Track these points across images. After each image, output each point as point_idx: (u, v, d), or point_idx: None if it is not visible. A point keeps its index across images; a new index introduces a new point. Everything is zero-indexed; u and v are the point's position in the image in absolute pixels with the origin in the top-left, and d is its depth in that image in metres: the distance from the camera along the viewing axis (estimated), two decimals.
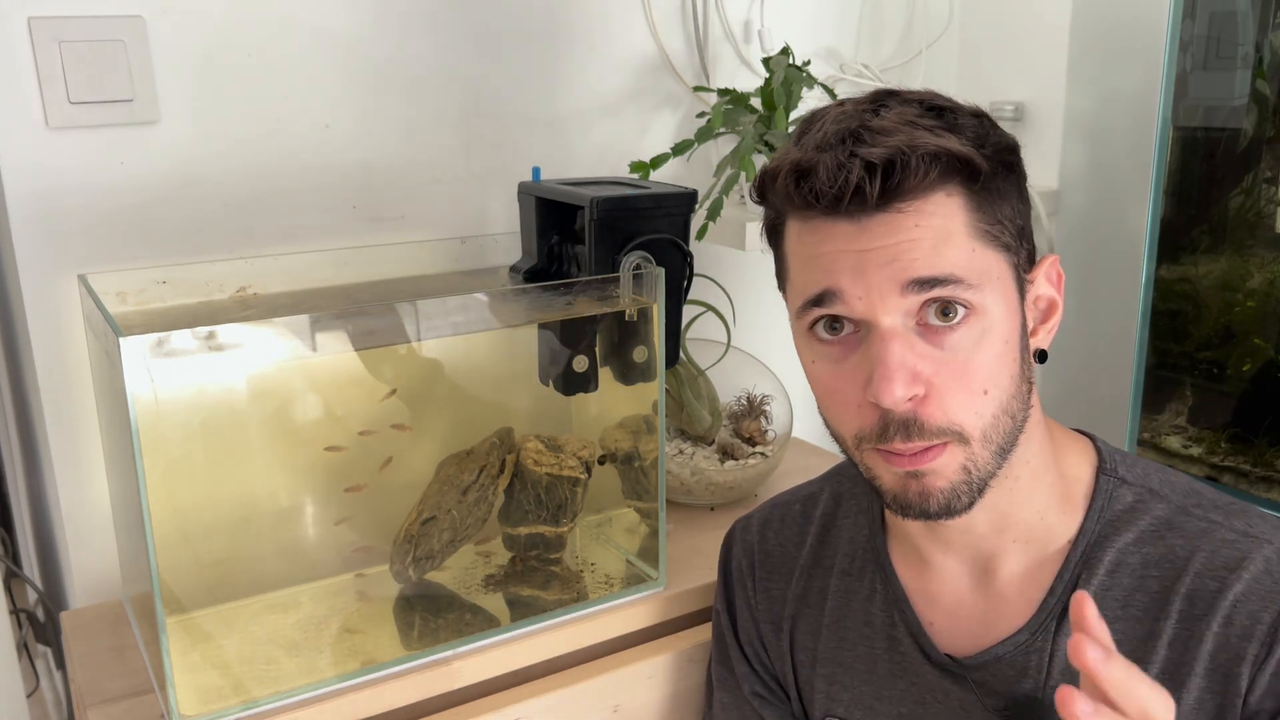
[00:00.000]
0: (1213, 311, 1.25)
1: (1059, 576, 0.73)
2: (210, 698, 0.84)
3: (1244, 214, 1.22)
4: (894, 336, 0.66)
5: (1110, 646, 0.56)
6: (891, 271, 0.65)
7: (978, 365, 0.67)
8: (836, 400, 0.70)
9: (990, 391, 0.67)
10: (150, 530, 0.78)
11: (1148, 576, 0.71)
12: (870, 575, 0.82)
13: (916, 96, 0.70)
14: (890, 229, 0.65)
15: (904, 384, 0.65)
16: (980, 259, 0.67)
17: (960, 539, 0.76)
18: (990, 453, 0.69)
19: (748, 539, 0.91)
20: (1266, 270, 1.21)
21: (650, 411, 1.01)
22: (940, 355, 0.66)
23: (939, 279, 0.65)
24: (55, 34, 0.96)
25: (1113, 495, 0.74)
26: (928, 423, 0.66)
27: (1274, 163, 1.19)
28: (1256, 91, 1.19)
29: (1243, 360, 1.24)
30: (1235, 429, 1.24)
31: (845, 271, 0.66)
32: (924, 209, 0.65)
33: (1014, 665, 0.73)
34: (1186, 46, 1.20)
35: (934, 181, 0.65)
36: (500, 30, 1.19)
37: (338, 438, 0.95)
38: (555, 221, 1.04)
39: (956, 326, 0.66)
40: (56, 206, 1.00)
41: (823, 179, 0.65)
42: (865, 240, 0.66)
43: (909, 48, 1.50)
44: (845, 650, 0.82)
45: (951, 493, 0.69)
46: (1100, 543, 0.73)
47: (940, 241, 0.65)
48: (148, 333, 0.76)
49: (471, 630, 0.94)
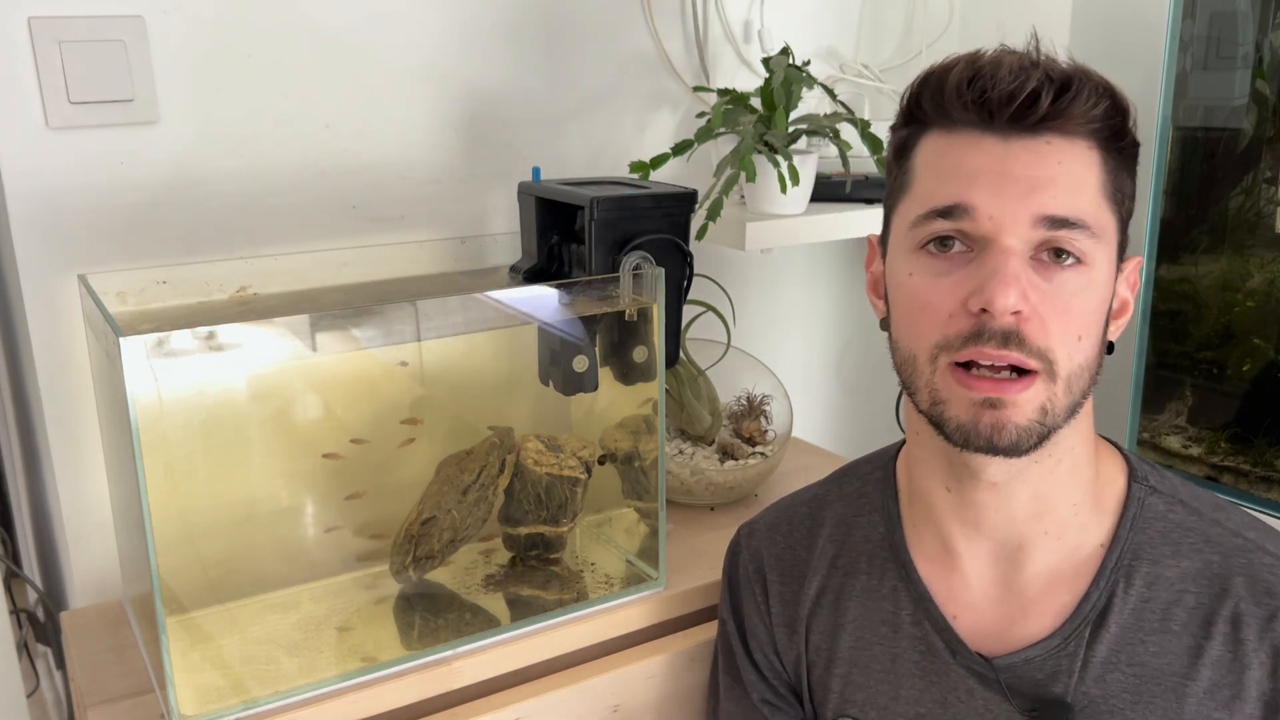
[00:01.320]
0: (1213, 311, 1.25)
1: (1095, 583, 0.73)
2: (210, 698, 0.84)
3: (1244, 214, 1.22)
4: (1013, 253, 0.67)
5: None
6: (1029, 201, 0.66)
7: (1079, 309, 0.68)
8: (927, 311, 0.70)
9: (1084, 339, 0.68)
10: (150, 530, 0.78)
11: (1185, 591, 0.71)
12: (891, 574, 0.81)
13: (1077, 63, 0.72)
14: (1036, 158, 0.67)
15: (1018, 294, 0.66)
16: (1104, 216, 0.69)
17: (995, 516, 0.75)
18: (1068, 402, 0.69)
19: (754, 544, 0.90)
20: (1266, 270, 1.21)
21: (650, 411, 1.01)
22: (1048, 288, 0.67)
23: (1071, 220, 0.66)
24: (55, 34, 0.96)
25: (1145, 503, 0.74)
26: (1028, 339, 0.66)
27: (1274, 163, 1.19)
28: (1256, 91, 1.19)
29: (1243, 360, 1.24)
30: (1235, 429, 1.24)
31: (984, 189, 0.67)
32: (1069, 151, 0.67)
33: (1044, 668, 0.73)
34: (1186, 46, 1.20)
35: (1092, 122, 0.67)
36: (500, 30, 1.19)
37: (338, 438, 0.95)
38: (555, 221, 1.04)
39: (1067, 268, 0.67)
40: (56, 206, 1.00)
41: (1003, 77, 0.66)
42: (1009, 162, 0.67)
43: (909, 48, 1.50)
44: (863, 650, 0.82)
45: (1025, 430, 0.68)
46: (1136, 552, 0.73)
47: (1078, 185, 0.67)
48: (148, 333, 0.76)
49: (471, 630, 0.94)
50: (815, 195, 1.27)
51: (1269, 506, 1.17)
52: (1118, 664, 0.71)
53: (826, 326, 1.58)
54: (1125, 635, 0.72)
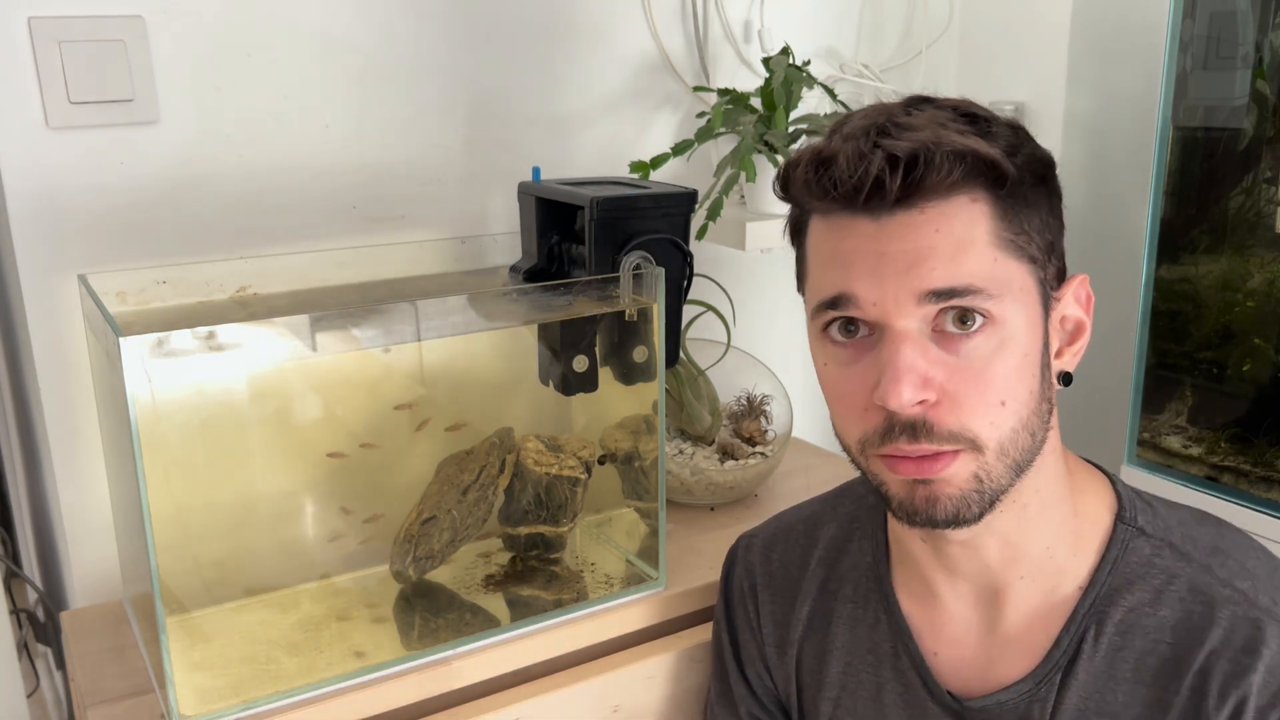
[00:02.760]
0: (1213, 311, 1.25)
1: (1066, 627, 0.71)
2: (210, 698, 0.84)
3: (1244, 214, 1.22)
4: (906, 339, 0.64)
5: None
6: (908, 279, 0.63)
7: (994, 374, 0.65)
8: (844, 404, 0.69)
9: (1008, 403, 0.65)
10: (150, 530, 0.78)
11: (1160, 641, 0.69)
12: (875, 604, 0.81)
13: (951, 103, 0.68)
14: (910, 230, 0.64)
15: (912, 387, 0.63)
16: (1002, 269, 0.65)
17: (967, 565, 0.74)
18: (1005, 466, 0.67)
19: (750, 560, 0.90)
20: (1266, 270, 1.21)
21: (650, 411, 1.01)
22: (955, 362, 0.64)
23: (957, 289, 0.63)
24: (55, 34, 0.96)
25: (1129, 546, 0.72)
26: (938, 426, 0.65)
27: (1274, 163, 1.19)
28: (1256, 91, 1.19)
29: (1243, 360, 1.24)
30: (1235, 429, 1.24)
31: (862, 275, 0.65)
32: (946, 212, 0.64)
33: (1016, 711, 0.72)
34: (1186, 46, 1.20)
35: (957, 183, 0.63)
36: (500, 30, 1.19)
37: (338, 438, 0.95)
38: (555, 221, 1.04)
39: (974, 334, 0.64)
40: (56, 206, 1.00)
41: (842, 167, 0.64)
42: (884, 241, 0.64)
43: (909, 48, 1.50)
44: (851, 677, 0.81)
45: (961, 500, 0.67)
46: (1111, 596, 0.71)
47: (960, 249, 0.63)
48: (148, 333, 0.76)
49: (471, 630, 0.94)
50: None
51: (1269, 506, 1.17)
52: (1087, 711, 0.70)
53: None
54: (1096, 683, 0.70)
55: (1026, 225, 0.66)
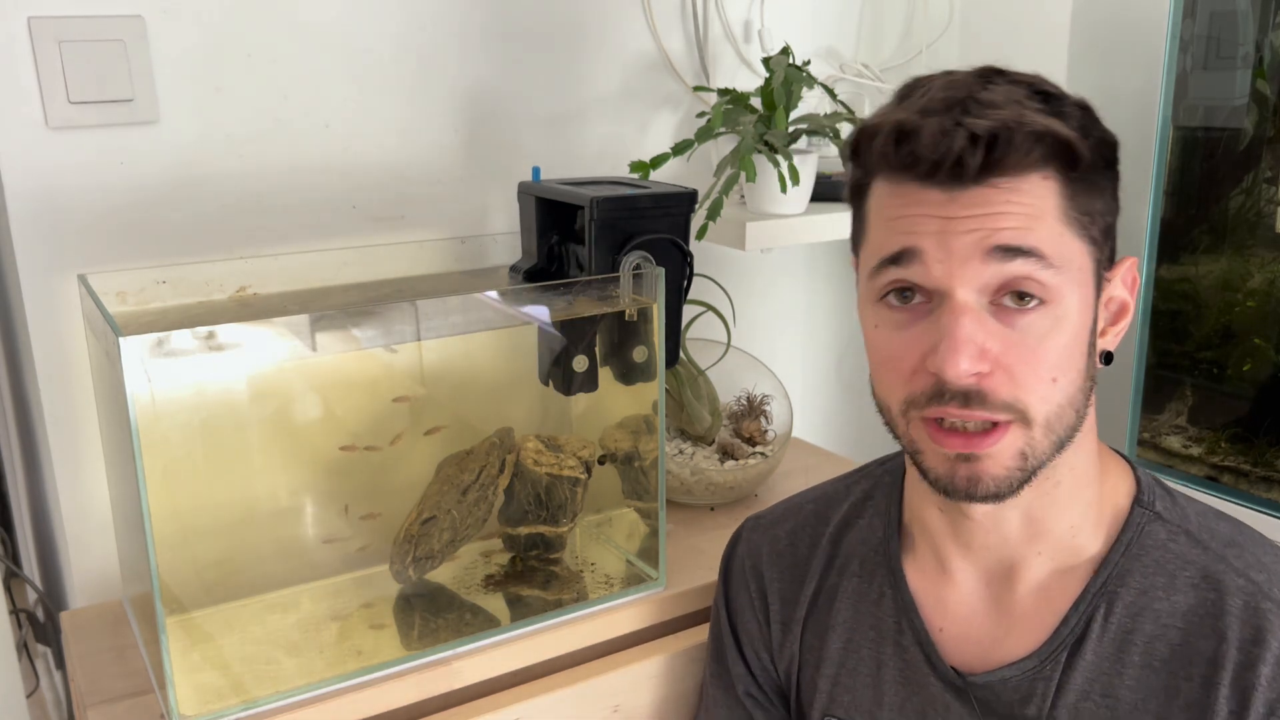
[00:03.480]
0: (1213, 311, 1.25)
1: (1075, 606, 0.72)
2: (210, 698, 0.84)
3: (1244, 214, 1.23)
4: (966, 310, 0.64)
5: None
6: (977, 238, 0.64)
7: (1048, 350, 0.65)
8: (892, 366, 0.69)
9: (1059, 380, 0.66)
10: (150, 530, 0.78)
11: (1171, 627, 0.69)
12: (880, 579, 0.81)
13: (1024, 78, 0.69)
14: (982, 202, 0.64)
15: (970, 358, 0.64)
16: (1066, 245, 0.66)
17: (985, 539, 0.74)
18: (1050, 442, 0.67)
19: (755, 539, 0.90)
20: (1266, 270, 1.21)
21: (650, 411, 1.01)
22: (1012, 335, 0.65)
23: (1024, 249, 0.64)
24: (55, 34, 0.96)
25: (1144, 530, 0.72)
26: (991, 396, 0.65)
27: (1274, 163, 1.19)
28: (1256, 91, 1.19)
29: (1243, 360, 1.24)
30: (1235, 429, 1.24)
31: (930, 234, 0.65)
32: (1019, 188, 0.64)
33: (1019, 689, 0.72)
34: (1186, 46, 1.20)
35: (1034, 162, 0.64)
36: (500, 30, 1.19)
37: (338, 438, 0.95)
38: (555, 221, 1.04)
39: (1030, 310, 0.65)
40: (56, 206, 1.00)
41: (925, 143, 0.64)
42: (954, 209, 0.65)
43: (909, 48, 1.50)
44: (852, 653, 0.81)
45: (1005, 479, 0.67)
46: (1123, 577, 0.71)
47: (1030, 218, 0.64)
48: (148, 333, 0.76)
49: (471, 630, 0.94)
50: (815, 195, 1.27)
51: (1269, 506, 1.17)
52: (1092, 693, 0.70)
53: (826, 326, 1.58)
54: (1102, 665, 0.70)
55: (1092, 206, 0.67)
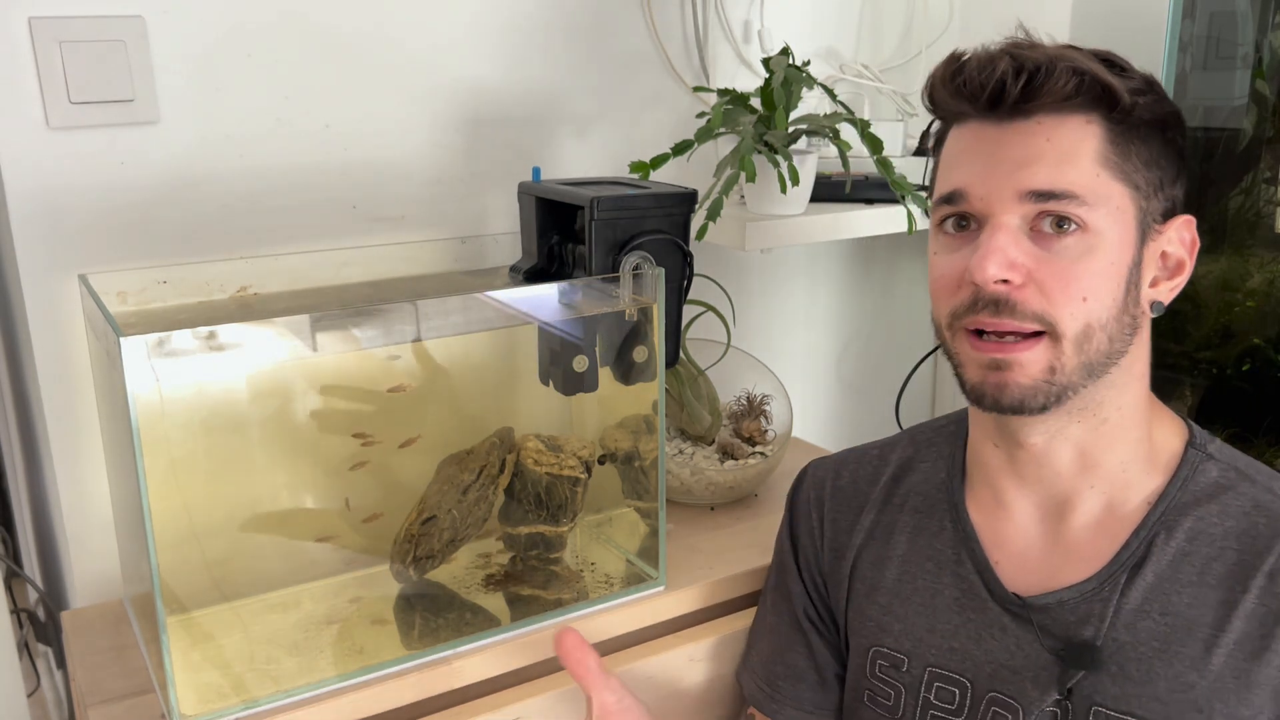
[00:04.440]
0: (1212, 311, 1.25)
1: (1135, 533, 0.76)
2: (211, 697, 0.84)
3: (1244, 214, 1.23)
4: (1002, 227, 0.71)
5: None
6: (1012, 180, 0.70)
7: (1080, 272, 0.70)
8: (941, 282, 0.75)
9: (1089, 300, 0.71)
10: (151, 530, 0.78)
11: (1227, 548, 0.73)
12: (941, 513, 0.85)
13: (1092, 50, 0.73)
14: (1023, 138, 0.71)
15: (997, 264, 0.70)
16: (1103, 185, 0.70)
17: (1038, 474, 0.79)
18: (1079, 362, 0.71)
19: (820, 475, 0.95)
20: (1266, 270, 1.21)
21: (650, 411, 1.01)
22: (1046, 256, 0.70)
23: (1055, 193, 0.70)
24: (55, 34, 0.96)
25: (1198, 467, 0.77)
26: (1021, 305, 0.70)
27: (1274, 163, 1.19)
28: (1256, 91, 1.19)
29: (1243, 360, 1.24)
30: (1235, 429, 1.24)
31: (974, 174, 0.72)
32: (1059, 127, 0.70)
33: (1077, 611, 0.76)
34: (1186, 46, 1.20)
35: (1074, 102, 0.70)
36: (500, 30, 1.19)
37: (337, 438, 0.95)
38: (555, 221, 1.04)
39: (1066, 235, 0.70)
40: (56, 206, 1.00)
41: (971, 68, 0.72)
42: (999, 145, 0.71)
43: (909, 48, 1.50)
44: (906, 583, 0.85)
45: (1031, 390, 0.72)
46: (1181, 509, 0.76)
47: (1065, 158, 0.70)
48: (148, 333, 0.76)
49: (471, 630, 0.94)
50: (815, 195, 1.27)
51: None
52: (1150, 612, 0.74)
53: (826, 326, 1.58)
54: (1160, 584, 0.74)
55: (1135, 154, 0.72)
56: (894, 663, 0.84)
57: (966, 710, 0.81)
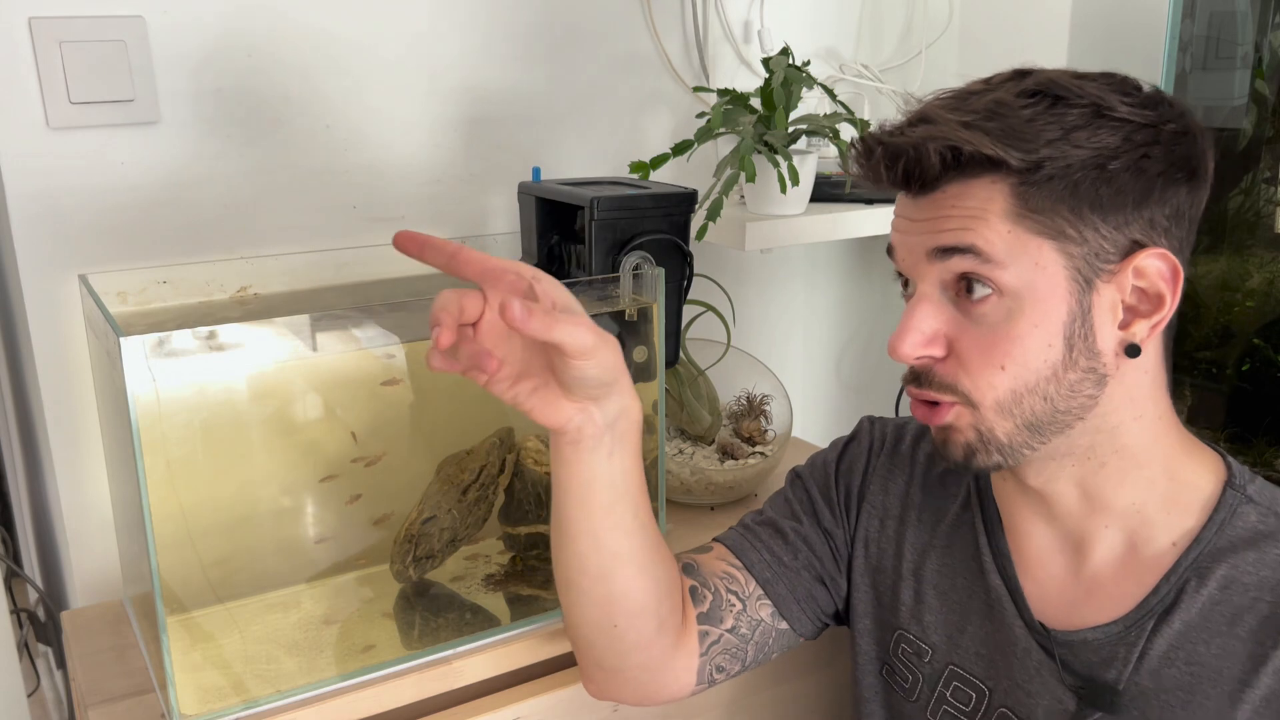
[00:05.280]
0: (1212, 311, 1.25)
1: (1166, 578, 0.74)
2: (211, 697, 0.84)
3: (1244, 214, 1.23)
4: (922, 299, 0.72)
5: None
6: (922, 240, 0.72)
7: (999, 339, 0.70)
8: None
9: (1008, 368, 0.70)
10: (151, 530, 0.78)
11: (1260, 600, 0.71)
12: (984, 519, 0.84)
13: (1047, 75, 0.71)
14: (932, 206, 0.71)
15: (913, 344, 0.72)
16: (1017, 241, 0.69)
17: (1047, 510, 0.78)
18: (1012, 425, 0.71)
19: (883, 431, 0.94)
20: (1266, 270, 1.21)
21: (650, 411, 1.01)
22: (967, 324, 0.71)
23: (960, 248, 0.69)
24: (55, 34, 0.96)
25: (1236, 510, 0.74)
26: (937, 378, 0.72)
27: (1273, 163, 1.19)
28: (1256, 91, 1.19)
29: (1242, 360, 1.24)
30: (1235, 429, 1.24)
31: (898, 234, 0.75)
32: (965, 190, 0.70)
33: (1101, 652, 0.75)
34: (1186, 46, 1.20)
35: (968, 171, 0.69)
36: (500, 30, 1.19)
37: (337, 438, 0.95)
38: (555, 221, 1.04)
39: (982, 302, 0.70)
40: (56, 206, 1.00)
41: (865, 161, 0.73)
42: (915, 211, 0.73)
43: (909, 48, 1.50)
44: (946, 578, 0.84)
45: (967, 448, 0.73)
46: (1216, 555, 0.73)
47: (971, 219, 0.69)
48: (148, 333, 0.76)
49: (471, 630, 0.94)
50: (815, 195, 1.27)
51: None
52: (1175, 660, 0.72)
53: (826, 326, 1.58)
54: (1189, 632, 0.72)
55: (1062, 203, 0.68)
56: (917, 650, 0.85)
57: (980, 716, 0.80)
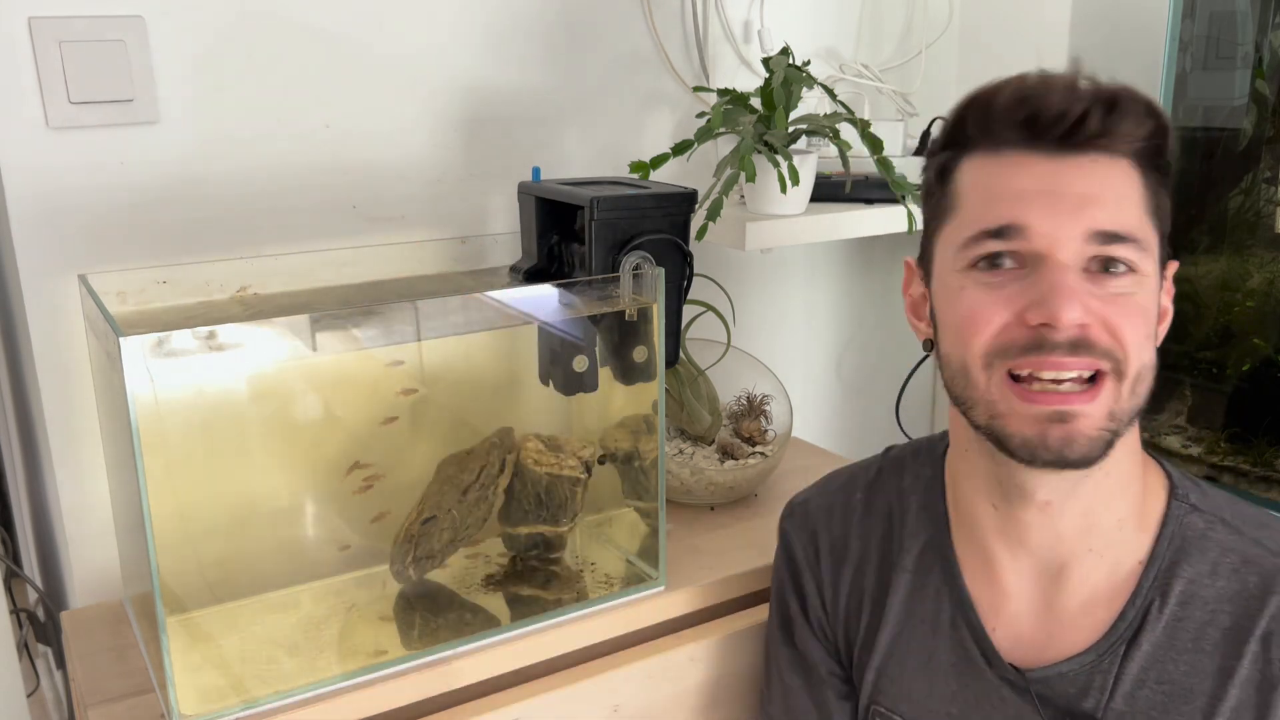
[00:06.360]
0: (1212, 311, 1.25)
1: (1131, 601, 0.73)
2: (210, 697, 0.84)
3: (1243, 214, 1.23)
4: (1070, 268, 0.67)
5: None
6: (1080, 217, 0.67)
7: (1138, 311, 0.68)
8: (979, 320, 0.70)
9: (1147, 340, 0.69)
10: (150, 530, 0.78)
11: (1220, 611, 0.71)
12: (936, 576, 0.82)
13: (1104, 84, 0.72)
14: (1083, 175, 0.68)
15: (1079, 308, 0.66)
16: (1148, 230, 0.69)
17: (1039, 535, 0.75)
18: (1131, 405, 0.69)
19: (810, 524, 0.90)
20: (1266, 270, 1.21)
21: (650, 411, 1.01)
22: (1105, 294, 0.68)
23: (1121, 235, 0.67)
24: (55, 34, 0.96)
25: (1184, 521, 0.74)
26: (1096, 342, 0.67)
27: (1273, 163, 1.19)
28: (1256, 91, 1.19)
29: (1242, 360, 1.24)
30: (1235, 429, 1.24)
31: (1035, 208, 0.68)
32: (1113, 169, 0.68)
33: (1076, 683, 0.73)
34: (1186, 46, 1.20)
35: (1135, 141, 0.68)
36: (500, 30, 1.19)
37: (338, 438, 0.95)
38: (555, 221, 1.04)
39: (1120, 276, 0.68)
40: (56, 206, 1.00)
41: (1054, 99, 0.67)
42: (1058, 181, 0.68)
43: (909, 48, 1.50)
44: (902, 644, 0.82)
45: (1096, 439, 0.68)
46: (1171, 569, 0.73)
47: (1123, 201, 0.68)
48: (148, 333, 0.76)
49: (471, 630, 0.94)
50: (815, 195, 1.27)
51: (1269, 506, 1.17)
52: (1147, 681, 0.72)
53: (826, 326, 1.58)
54: (1157, 653, 0.72)
55: (1162, 205, 0.71)
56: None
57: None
